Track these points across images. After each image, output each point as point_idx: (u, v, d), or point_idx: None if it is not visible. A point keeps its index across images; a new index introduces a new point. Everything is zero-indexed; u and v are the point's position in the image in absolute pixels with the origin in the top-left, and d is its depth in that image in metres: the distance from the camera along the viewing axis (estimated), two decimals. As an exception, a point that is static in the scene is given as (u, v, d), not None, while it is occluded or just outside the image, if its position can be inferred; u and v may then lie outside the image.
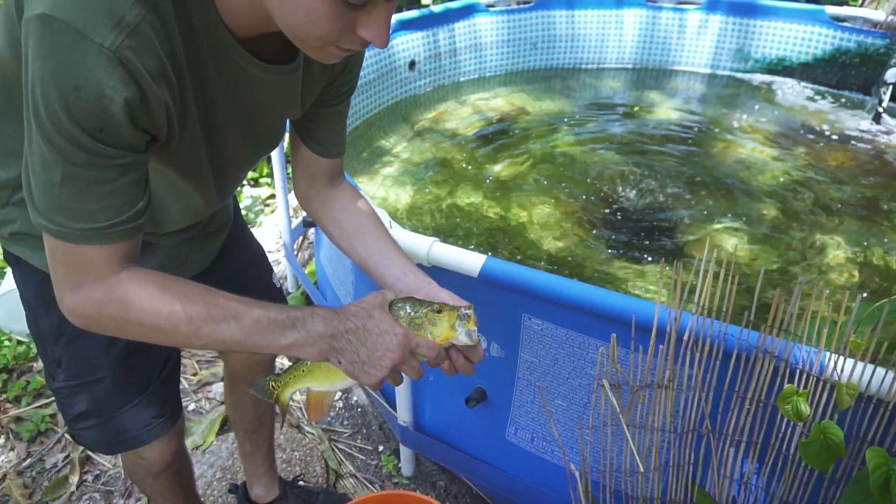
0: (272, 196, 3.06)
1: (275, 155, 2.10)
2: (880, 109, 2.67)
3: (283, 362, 2.00)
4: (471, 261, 1.19)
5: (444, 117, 2.99)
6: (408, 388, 1.53)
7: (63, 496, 1.75)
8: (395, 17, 2.80)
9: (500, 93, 3.16)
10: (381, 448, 1.80)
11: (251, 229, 1.53)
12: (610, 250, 2.08)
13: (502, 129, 2.85)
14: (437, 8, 3.01)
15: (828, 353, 0.94)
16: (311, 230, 2.42)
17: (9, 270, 1.12)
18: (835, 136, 2.64)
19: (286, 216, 2.20)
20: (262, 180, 3.15)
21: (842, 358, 0.93)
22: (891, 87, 2.62)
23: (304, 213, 2.42)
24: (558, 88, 3.21)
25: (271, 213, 2.92)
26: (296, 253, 2.44)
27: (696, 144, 2.64)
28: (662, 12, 3.11)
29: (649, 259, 1.99)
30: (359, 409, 1.92)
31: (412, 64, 2.99)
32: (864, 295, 0.92)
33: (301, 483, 1.63)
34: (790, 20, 2.93)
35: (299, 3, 0.66)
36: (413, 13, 2.94)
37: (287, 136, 2.28)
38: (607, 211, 2.24)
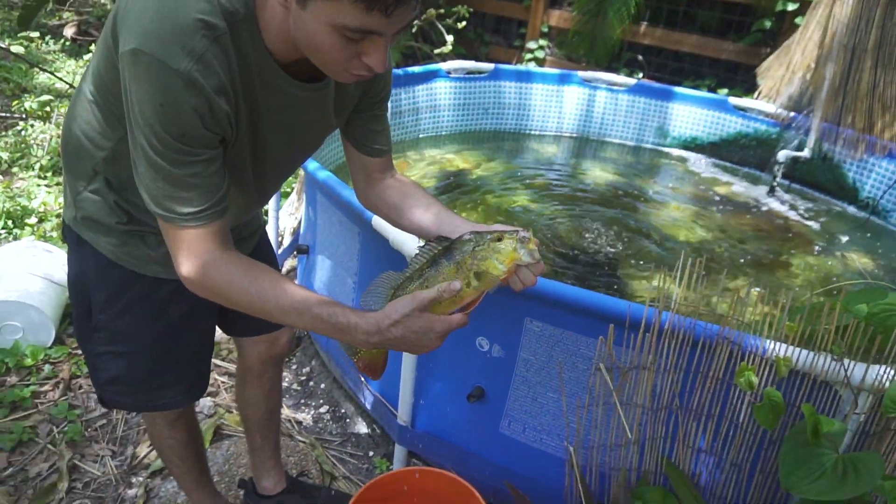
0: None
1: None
2: (774, 184, 3.22)
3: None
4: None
5: (406, 168, 3.28)
6: (410, 391, 1.73)
7: (52, 503, 1.77)
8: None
9: (454, 150, 3.50)
10: (371, 454, 1.96)
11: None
12: (570, 282, 2.40)
13: (459, 181, 3.17)
14: (402, 70, 3.35)
15: (770, 340, 1.27)
16: (297, 257, 2.58)
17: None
18: (738, 204, 3.16)
19: (274, 241, 2.37)
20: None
21: (779, 343, 1.26)
22: (782, 166, 3.19)
23: (293, 238, 2.59)
24: (506, 149, 3.60)
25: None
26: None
27: (629, 204, 3.07)
28: (598, 91, 3.60)
29: (601, 289, 2.32)
30: (347, 420, 2.07)
31: (380, 118, 3.28)
32: (793, 293, 1.25)
33: (304, 479, 1.76)
34: (701, 106, 3.50)
35: (312, 38, 0.85)
36: (382, 73, 3.25)
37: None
38: (564, 252, 2.57)
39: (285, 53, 0.94)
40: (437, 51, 4.91)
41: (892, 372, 1.19)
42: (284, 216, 2.85)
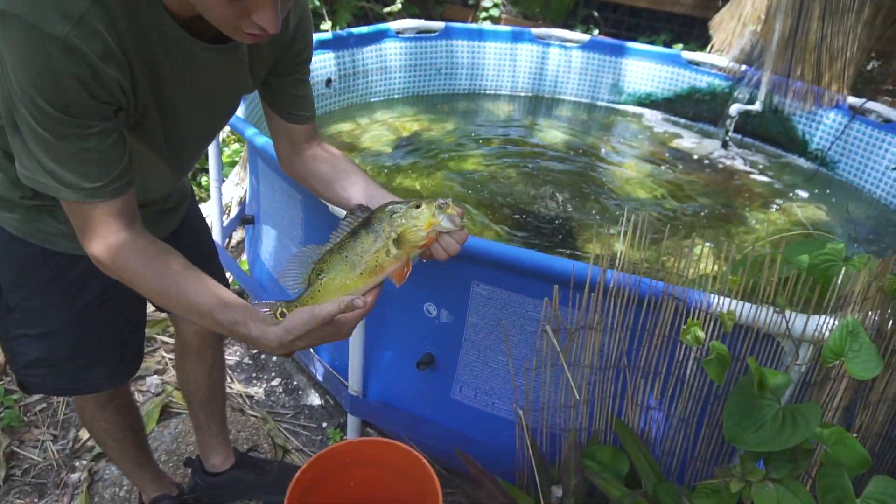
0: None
1: (211, 150, 2.19)
2: (727, 138, 3.23)
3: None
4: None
5: (358, 133, 3.19)
6: (359, 360, 1.69)
7: (-10, 492, 1.70)
8: (315, 37, 2.96)
9: (407, 113, 3.41)
10: (324, 425, 1.93)
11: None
12: (521, 244, 2.37)
13: (412, 145, 3.10)
14: (347, 31, 3.23)
15: (714, 295, 1.26)
16: (242, 228, 2.49)
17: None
18: (692, 159, 3.16)
19: (218, 214, 2.28)
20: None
21: (723, 297, 1.25)
22: (734, 120, 3.19)
23: (239, 210, 2.50)
24: (460, 110, 3.52)
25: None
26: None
27: (583, 163, 3.04)
28: (550, 48, 3.53)
29: (556, 251, 2.30)
30: (299, 392, 2.03)
31: (329, 82, 3.16)
32: (736, 246, 1.24)
33: (254, 454, 1.72)
34: (655, 61, 3.46)
35: None
36: (327, 34, 3.13)
37: (227, 128, 2.38)
38: (517, 215, 2.54)
39: (184, 10, 0.85)
40: (385, 9, 4.76)
41: (832, 322, 1.19)
42: (230, 186, 2.75)
